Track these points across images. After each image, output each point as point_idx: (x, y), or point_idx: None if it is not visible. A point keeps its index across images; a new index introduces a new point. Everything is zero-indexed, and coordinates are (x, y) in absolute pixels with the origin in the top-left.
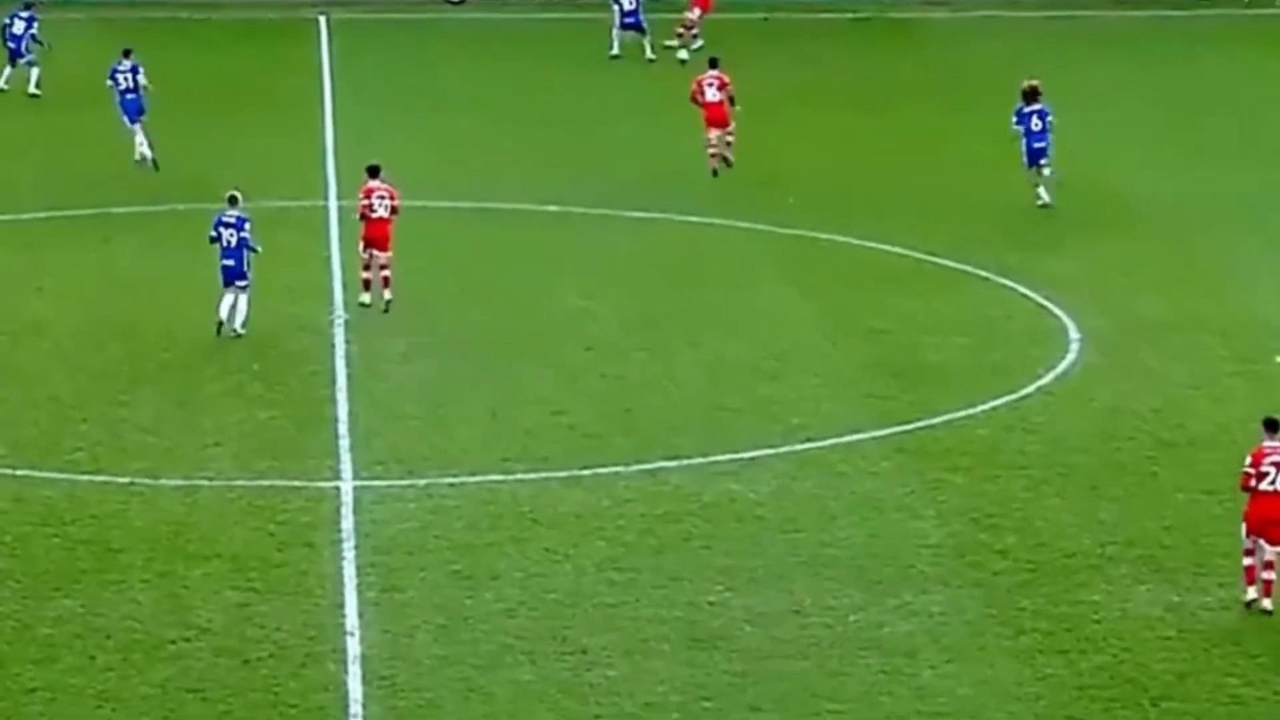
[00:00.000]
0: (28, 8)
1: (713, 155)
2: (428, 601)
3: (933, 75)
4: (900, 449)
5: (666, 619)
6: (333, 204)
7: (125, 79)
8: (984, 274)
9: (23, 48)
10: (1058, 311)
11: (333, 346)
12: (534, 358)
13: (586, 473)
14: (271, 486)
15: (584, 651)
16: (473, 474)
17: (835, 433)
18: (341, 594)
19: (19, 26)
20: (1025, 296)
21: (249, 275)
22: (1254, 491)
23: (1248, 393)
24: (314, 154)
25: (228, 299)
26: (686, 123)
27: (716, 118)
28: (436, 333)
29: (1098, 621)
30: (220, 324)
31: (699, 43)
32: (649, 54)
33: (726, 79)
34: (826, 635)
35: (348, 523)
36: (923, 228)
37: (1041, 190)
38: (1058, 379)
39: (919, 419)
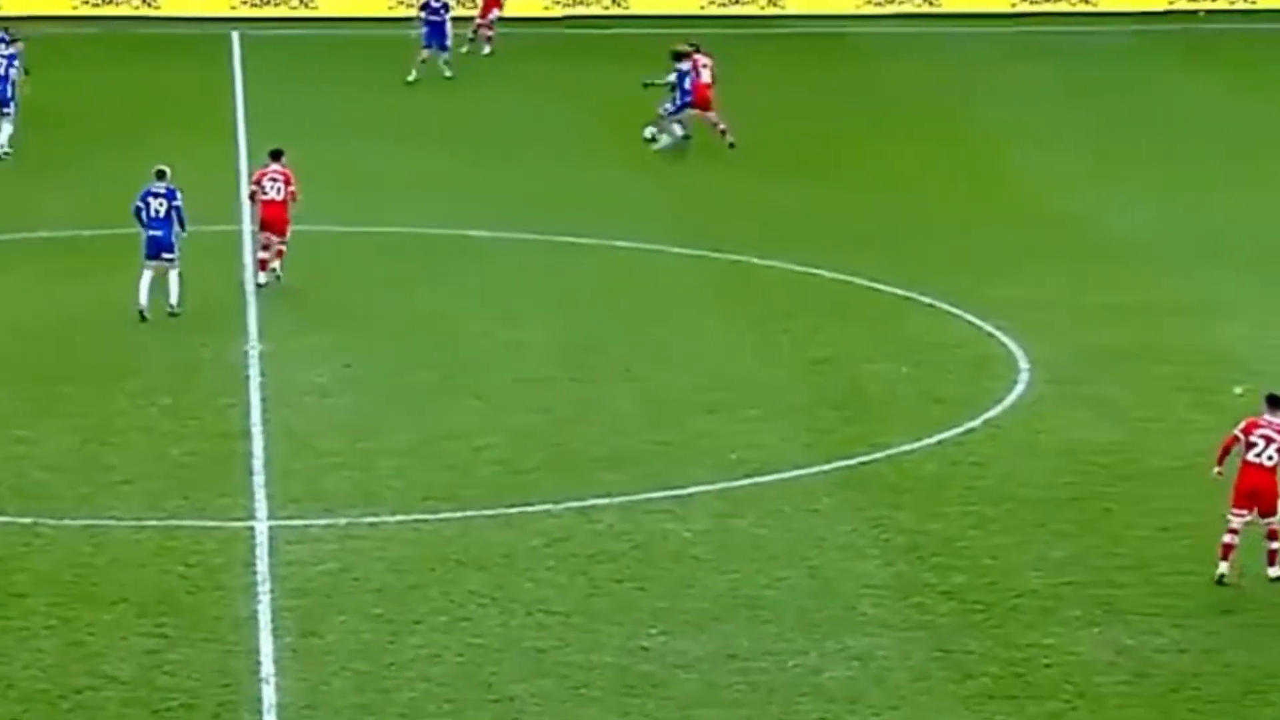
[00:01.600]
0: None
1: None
2: (347, 647)
3: (872, 96)
4: (842, 485)
5: (598, 665)
6: (246, 230)
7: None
8: (929, 301)
9: None
10: (1006, 340)
11: (247, 379)
12: (460, 390)
13: (514, 511)
14: (183, 526)
15: (512, 699)
16: (394, 513)
17: (774, 468)
18: (256, 639)
19: None
20: (972, 325)
21: (177, 250)
22: (1242, 463)
23: (1206, 425)
24: (227, 177)
25: (148, 277)
26: (615, 146)
27: (704, 100)
28: (357, 364)
29: (1048, 666)
30: (142, 311)
31: (488, 48)
32: (446, 72)
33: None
34: (765, 681)
35: (263, 564)
36: (865, 253)
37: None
38: (1006, 411)
39: (862, 453)
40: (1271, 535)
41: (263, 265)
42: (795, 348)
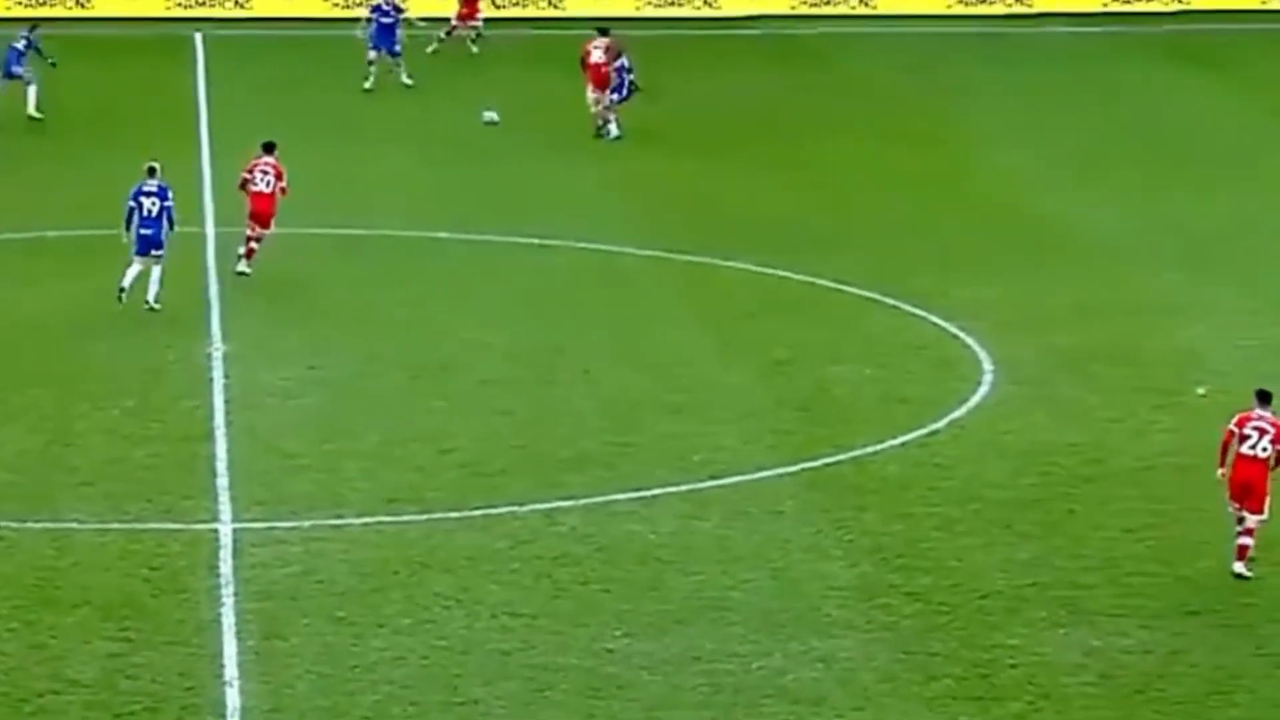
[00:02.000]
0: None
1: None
2: (311, 650)
3: (836, 96)
4: (807, 486)
5: (563, 667)
6: (209, 231)
7: None
8: (892, 302)
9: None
10: (970, 342)
11: (211, 381)
12: (425, 392)
13: (479, 513)
14: (146, 529)
15: (476, 702)
16: (359, 515)
17: (739, 470)
18: (220, 642)
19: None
20: (936, 326)
21: (165, 247)
22: (1236, 456)
23: (1170, 425)
24: (189, 179)
25: (135, 269)
26: (578, 146)
27: (598, 79)
28: (322, 366)
29: (1013, 667)
30: (121, 291)
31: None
32: (405, 79)
33: (615, 45)
34: (730, 683)
35: (226, 567)
36: (828, 254)
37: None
38: (971, 412)
39: (826, 455)
40: (1246, 533)
41: (248, 255)
42: (759, 349)
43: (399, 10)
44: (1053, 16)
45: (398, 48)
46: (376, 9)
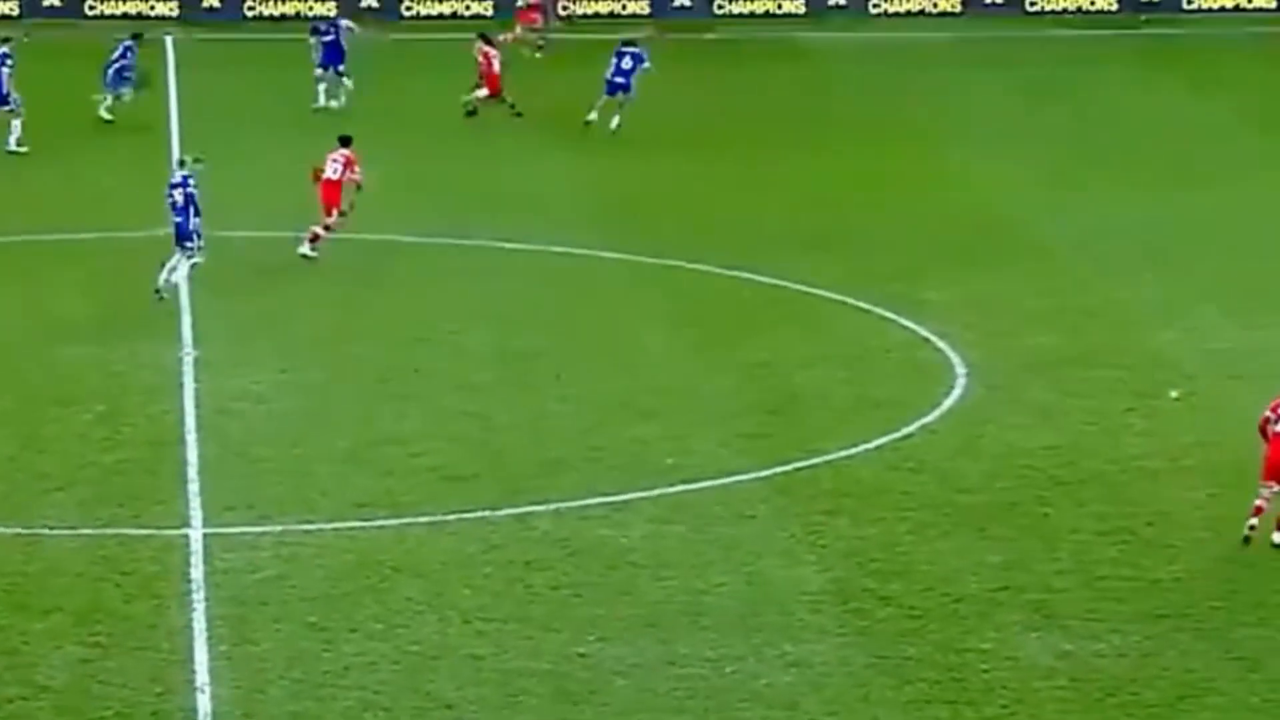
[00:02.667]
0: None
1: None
2: (282, 655)
3: (806, 100)
4: (779, 491)
5: (535, 671)
6: None
7: None
8: (865, 305)
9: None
10: (942, 345)
11: (181, 385)
12: (396, 396)
13: (451, 518)
14: (117, 535)
15: (449, 706)
16: (330, 520)
17: (711, 474)
18: (191, 648)
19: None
20: (908, 329)
21: (196, 240)
22: (1273, 435)
23: (1143, 429)
24: (158, 181)
25: (174, 261)
26: (547, 150)
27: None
28: (295, 370)
29: (986, 671)
30: (158, 290)
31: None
32: (333, 103)
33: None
34: (703, 687)
35: (197, 572)
36: (800, 258)
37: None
38: (943, 415)
39: (798, 459)
40: None
41: (312, 239)
42: (730, 353)
43: (336, 28)
44: (1027, 19)
45: (343, 66)
46: (314, 30)
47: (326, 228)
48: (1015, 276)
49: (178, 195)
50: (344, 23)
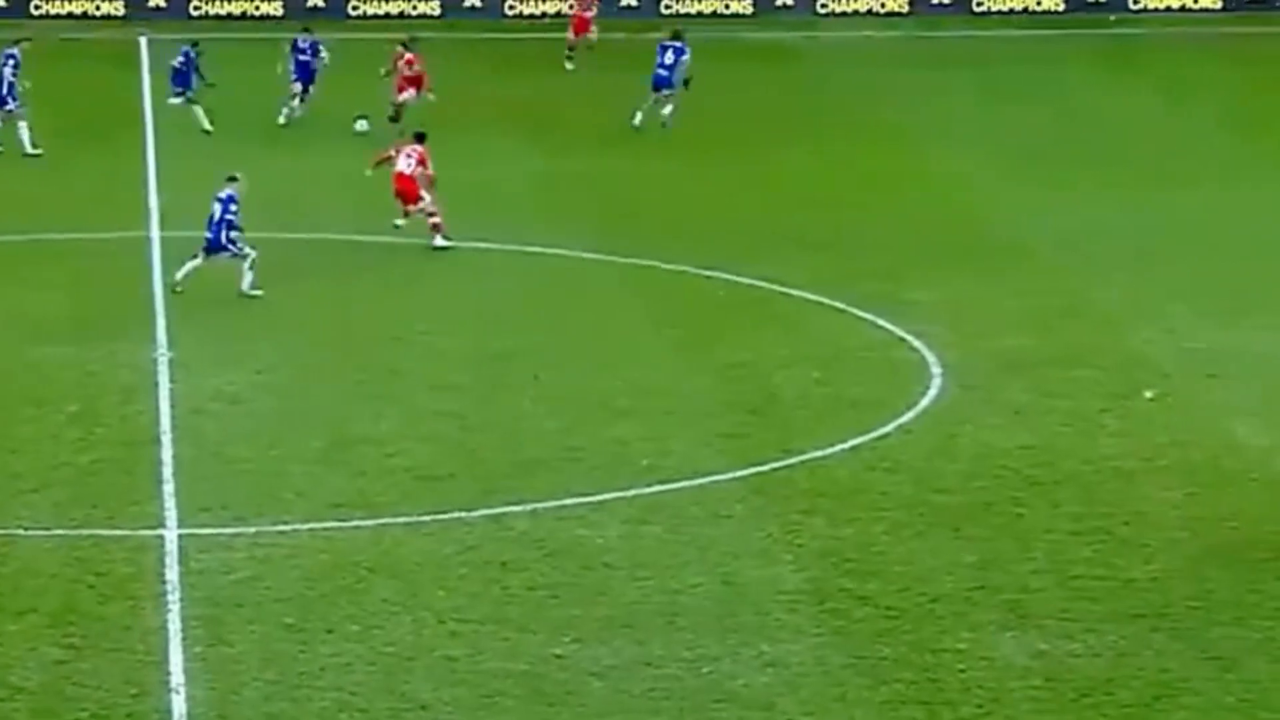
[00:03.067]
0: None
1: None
2: (257, 656)
3: (784, 98)
4: (756, 491)
5: (511, 673)
6: (155, 235)
7: None
8: (841, 305)
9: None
10: (918, 345)
11: (156, 386)
12: (372, 397)
13: (427, 518)
14: (91, 536)
15: (424, 708)
16: (305, 521)
17: (687, 474)
18: (166, 649)
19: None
20: (884, 329)
21: (229, 251)
22: None
23: (1118, 429)
24: (134, 182)
25: (196, 262)
26: (522, 150)
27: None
28: (270, 370)
29: (962, 671)
30: (174, 285)
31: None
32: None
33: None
34: (679, 688)
35: (172, 574)
36: (776, 258)
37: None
38: (919, 415)
39: (775, 459)
40: None
41: (433, 229)
42: (707, 353)
43: (316, 50)
44: (973, 19)
45: (312, 88)
46: (294, 47)
47: (432, 214)
48: (992, 277)
49: (216, 209)
50: (324, 54)
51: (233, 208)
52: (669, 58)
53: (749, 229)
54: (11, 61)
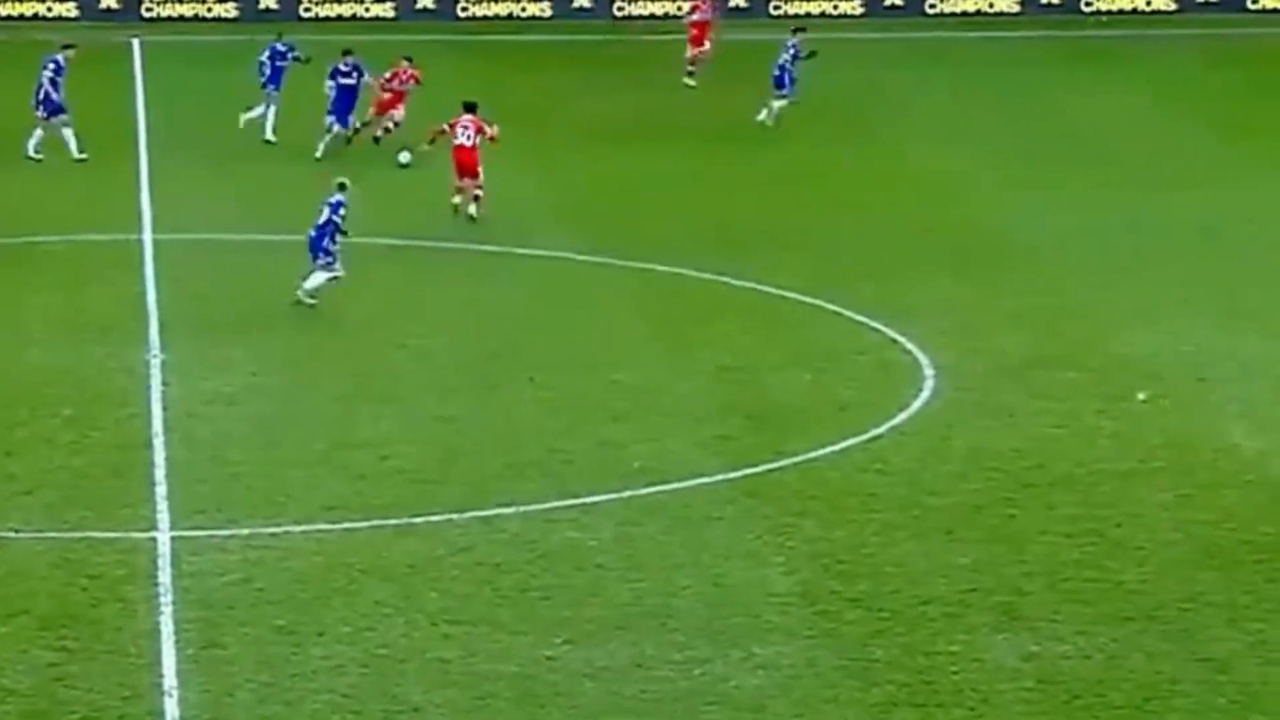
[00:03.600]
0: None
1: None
2: (250, 658)
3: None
4: (748, 493)
5: (503, 674)
6: (147, 238)
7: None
8: (833, 308)
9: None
10: (911, 347)
11: (149, 388)
12: (366, 399)
13: (419, 520)
14: (84, 538)
15: (416, 709)
16: (298, 523)
17: (679, 476)
18: (158, 651)
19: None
20: (878, 331)
21: (324, 257)
22: None
23: (1111, 431)
24: (127, 185)
25: (312, 274)
26: (519, 154)
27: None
28: (264, 373)
29: (955, 673)
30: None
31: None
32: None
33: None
34: (670, 690)
35: (165, 576)
36: (769, 260)
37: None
38: (911, 418)
39: (767, 460)
40: None
41: (456, 191)
42: (700, 355)
43: (360, 72)
44: (926, 20)
45: (350, 117)
46: (335, 71)
47: (476, 197)
48: (985, 279)
49: (324, 212)
50: (368, 77)
51: (341, 212)
52: (787, 56)
53: (743, 232)
54: (52, 66)
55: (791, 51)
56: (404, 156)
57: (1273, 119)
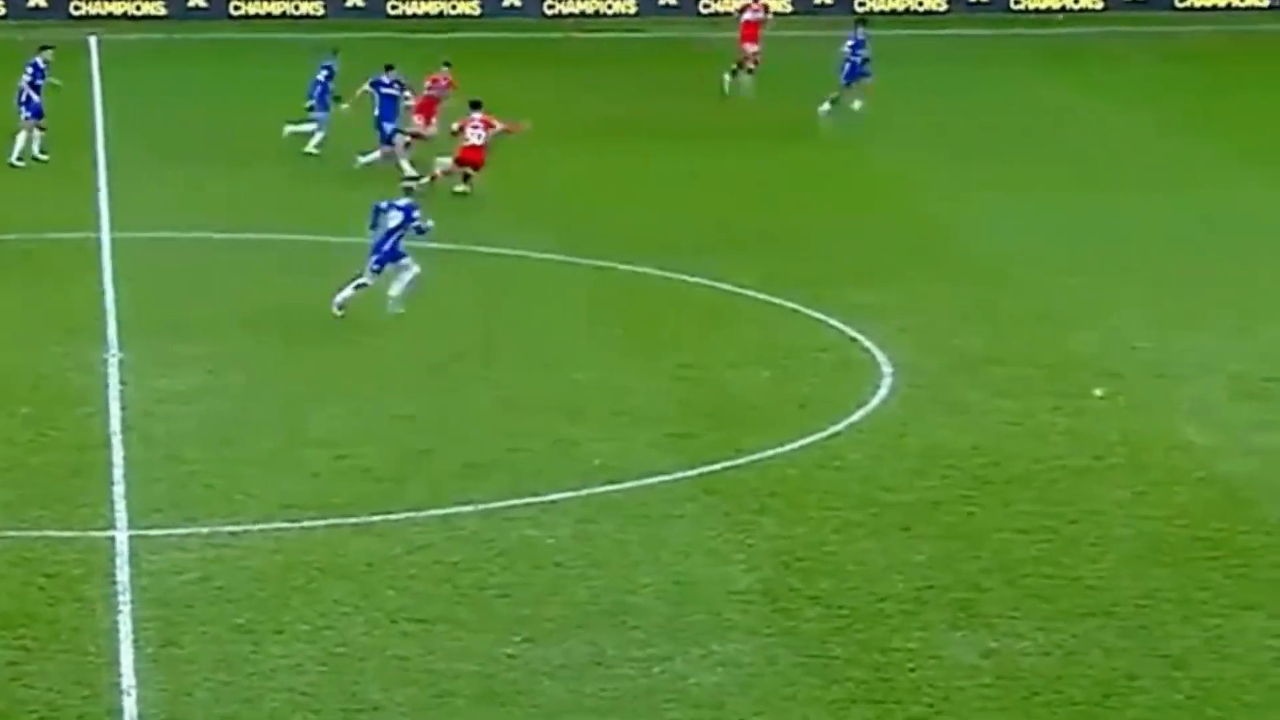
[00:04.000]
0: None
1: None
2: (209, 657)
3: (733, 102)
4: (706, 490)
5: (462, 672)
6: (105, 236)
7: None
8: (792, 306)
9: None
10: (869, 345)
11: (107, 387)
12: (324, 397)
13: (378, 519)
14: (42, 537)
15: (376, 708)
16: (256, 521)
17: (638, 474)
18: (117, 650)
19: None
20: (835, 329)
21: (388, 262)
22: None
23: (1067, 428)
24: (85, 183)
25: (400, 279)
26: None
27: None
28: (221, 372)
29: (913, 669)
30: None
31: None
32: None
33: None
34: (630, 688)
35: (123, 574)
36: (726, 259)
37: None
38: (869, 415)
39: (725, 458)
40: None
41: (465, 178)
42: (658, 353)
43: (402, 86)
44: (913, 19)
45: (389, 126)
46: (376, 83)
47: (446, 173)
48: (943, 277)
49: (395, 218)
50: (409, 94)
51: (415, 213)
52: (849, 48)
53: (701, 230)
54: (31, 70)
55: (851, 43)
56: (362, 159)
57: (1227, 117)
